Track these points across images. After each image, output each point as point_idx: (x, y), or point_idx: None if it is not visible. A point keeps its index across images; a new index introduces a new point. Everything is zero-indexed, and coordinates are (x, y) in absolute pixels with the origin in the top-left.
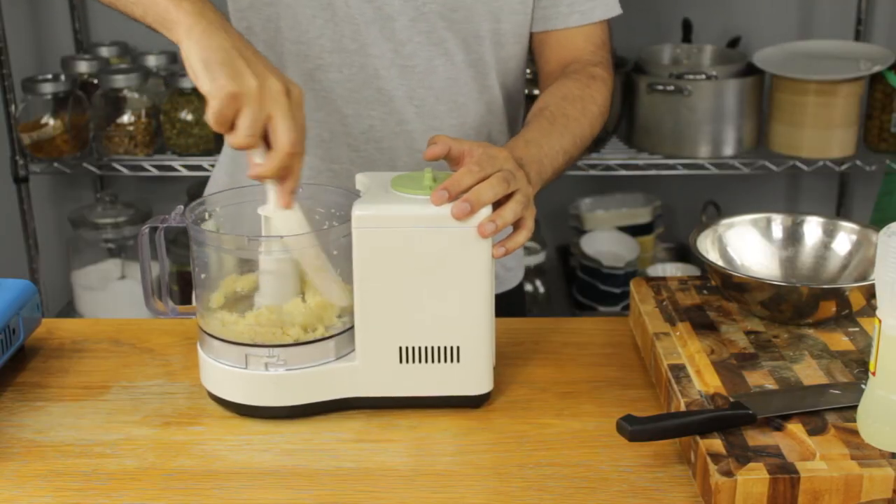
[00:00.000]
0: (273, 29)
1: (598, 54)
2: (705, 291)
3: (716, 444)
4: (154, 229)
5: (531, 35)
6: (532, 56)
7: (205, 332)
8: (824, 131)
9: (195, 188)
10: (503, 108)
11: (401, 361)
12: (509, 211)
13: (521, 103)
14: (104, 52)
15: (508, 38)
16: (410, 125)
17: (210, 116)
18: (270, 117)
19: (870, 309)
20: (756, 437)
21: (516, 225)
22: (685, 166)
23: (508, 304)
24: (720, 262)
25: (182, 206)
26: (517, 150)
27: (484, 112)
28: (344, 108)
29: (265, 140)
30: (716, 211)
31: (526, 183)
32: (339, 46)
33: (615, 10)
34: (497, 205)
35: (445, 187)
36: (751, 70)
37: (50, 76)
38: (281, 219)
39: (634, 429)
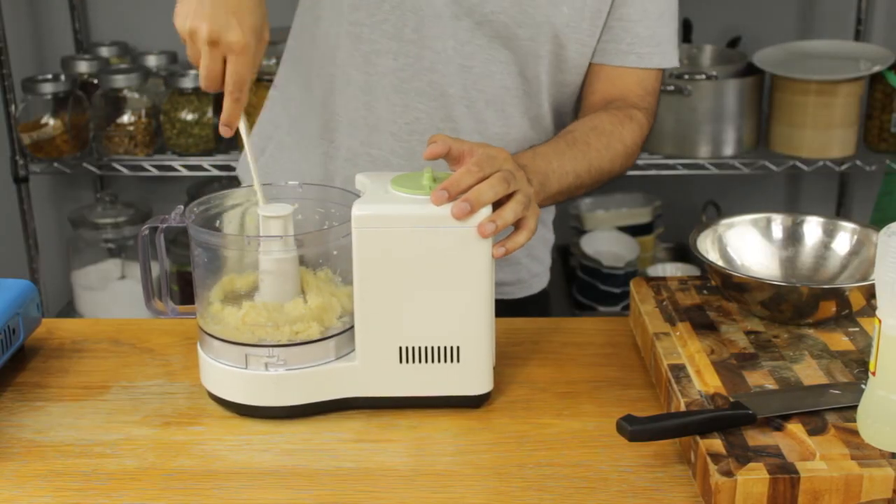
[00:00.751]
0: (336, 7)
1: (646, 100)
2: (705, 291)
3: (716, 444)
4: (154, 229)
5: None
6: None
7: (205, 331)
8: (824, 131)
9: (195, 188)
10: (551, 130)
11: (401, 361)
12: (509, 211)
13: None
14: (104, 52)
15: (569, 65)
16: (457, 123)
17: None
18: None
19: (870, 309)
20: (756, 437)
21: (517, 225)
22: (685, 166)
23: (538, 307)
24: (720, 262)
25: (182, 206)
26: (523, 157)
27: (528, 128)
28: (392, 97)
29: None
30: (716, 211)
31: (526, 183)
32: (400, 35)
33: (673, 61)
34: (497, 205)
35: (445, 187)
36: (751, 70)
37: (50, 76)
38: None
39: (634, 429)
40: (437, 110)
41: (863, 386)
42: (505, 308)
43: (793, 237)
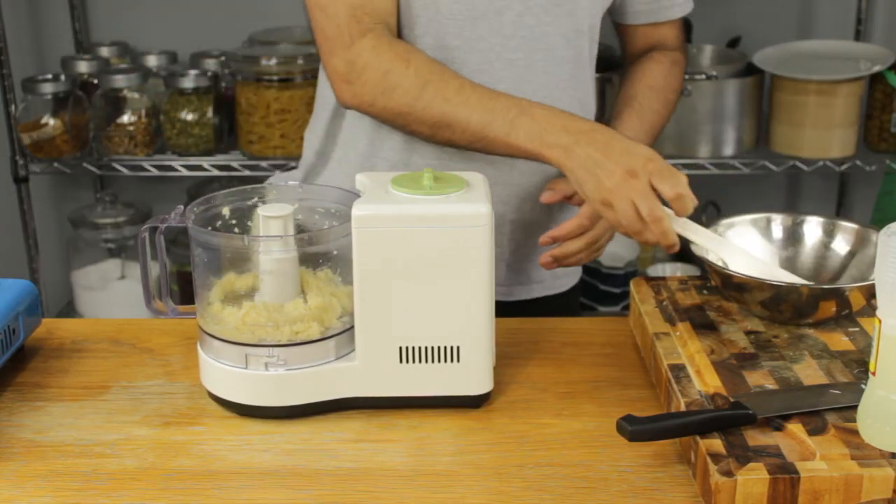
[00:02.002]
0: (393, 28)
1: (679, 39)
2: (705, 291)
3: (716, 444)
4: (154, 229)
5: (625, 26)
6: (616, 32)
7: (205, 331)
8: (824, 131)
9: (195, 188)
10: (591, 105)
11: (401, 361)
12: (574, 259)
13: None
14: (104, 52)
15: (597, 33)
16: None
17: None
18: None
19: (870, 309)
20: (756, 437)
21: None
22: (685, 166)
23: (564, 305)
24: (720, 263)
25: (182, 206)
26: None
27: (577, 108)
28: None
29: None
30: (716, 211)
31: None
32: (442, 44)
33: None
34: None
35: (553, 254)
36: (751, 70)
37: (50, 76)
38: None
39: (634, 429)
40: None
41: (863, 386)
42: (532, 306)
43: (793, 237)
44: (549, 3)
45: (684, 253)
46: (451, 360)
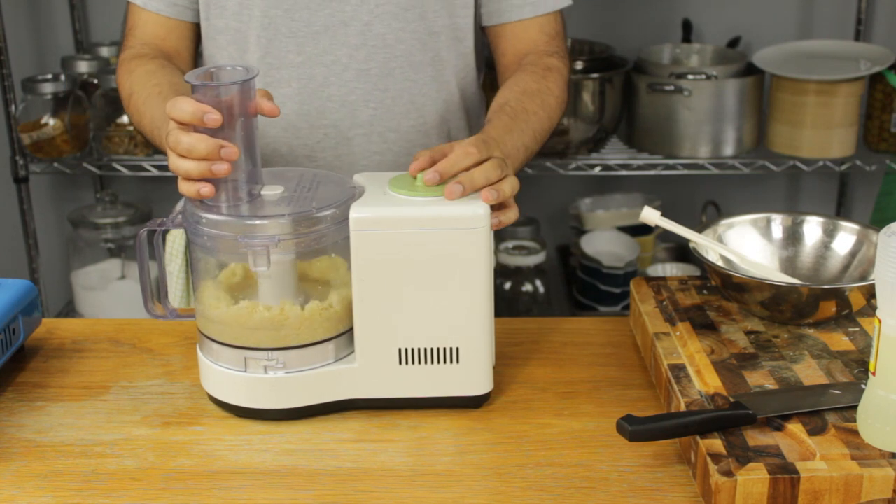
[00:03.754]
0: (229, 55)
1: (553, 44)
2: (705, 291)
3: (716, 444)
4: (152, 232)
5: (485, 29)
6: (488, 50)
7: (204, 334)
8: (824, 131)
9: None
10: (461, 105)
11: (400, 363)
12: (479, 175)
13: (480, 99)
14: (104, 52)
15: (465, 32)
16: (366, 128)
17: None
18: None
19: (870, 309)
20: (756, 437)
21: (503, 204)
22: (685, 166)
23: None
24: (720, 263)
25: (180, 208)
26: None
27: (443, 110)
28: (297, 122)
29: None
30: (716, 211)
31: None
32: (284, 62)
33: (565, 0)
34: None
35: (438, 169)
36: (751, 70)
37: (50, 76)
38: None
39: (634, 429)
40: (342, 121)
41: (863, 386)
42: None
43: (793, 237)
44: (398, 9)
45: (685, 253)
46: (451, 362)
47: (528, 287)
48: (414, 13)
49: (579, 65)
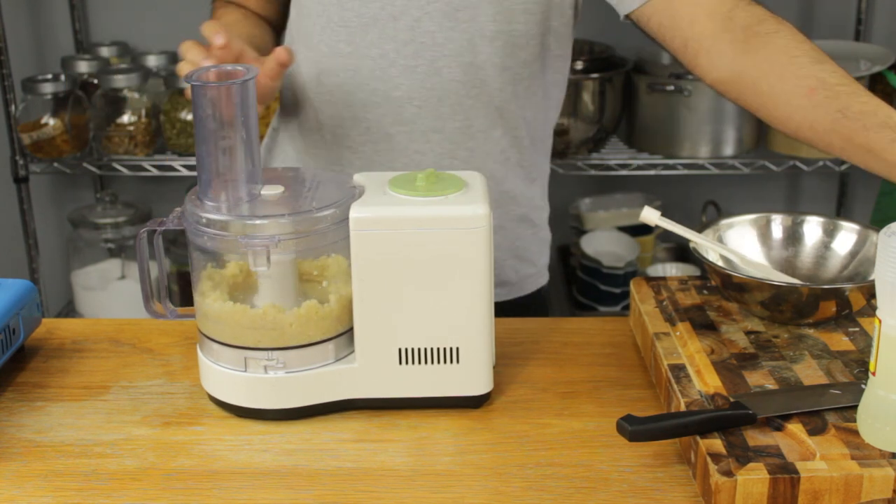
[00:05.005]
0: (290, 39)
1: None
2: (705, 291)
3: (716, 444)
4: (152, 232)
5: (632, 18)
6: (658, 41)
7: (204, 334)
8: None
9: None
10: (518, 114)
11: (400, 363)
12: None
13: (552, 113)
14: (104, 52)
15: (525, 39)
16: (409, 126)
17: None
18: None
19: (870, 309)
20: (756, 437)
21: None
22: (685, 166)
23: (529, 310)
24: (720, 263)
25: (180, 209)
26: None
27: (495, 116)
28: (343, 111)
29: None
30: (716, 211)
31: None
32: (335, 51)
33: None
34: None
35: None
36: None
37: (50, 76)
38: None
39: (634, 429)
40: (385, 116)
41: (863, 386)
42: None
43: (793, 237)
44: (450, 8)
45: (685, 253)
46: (451, 362)
47: None
48: (466, 13)
49: (579, 65)
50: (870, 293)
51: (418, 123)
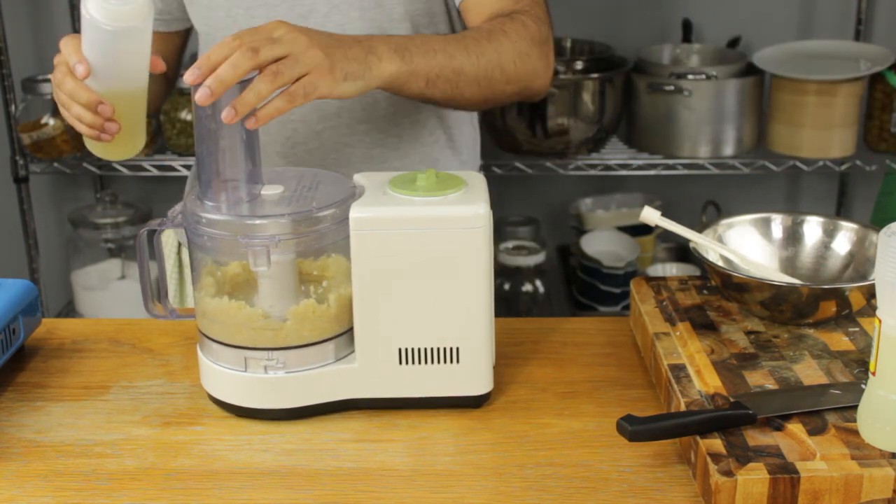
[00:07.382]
0: (202, 53)
1: (521, 3)
2: (705, 291)
3: (716, 444)
4: (152, 232)
5: (459, 10)
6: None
7: (204, 334)
8: (824, 131)
9: None
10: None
11: (400, 363)
12: (251, 93)
13: None
14: None
15: (427, 18)
16: (334, 121)
17: None
18: None
19: (870, 309)
20: (756, 437)
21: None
22: (685, 166)
23: None
24: (720, 263)
25: (179, 206)
26: (367, 38)
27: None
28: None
29: None
30: (716, 211)
31: (304, 45)
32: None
33: None
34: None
35: (198, 65)
36: (751, 70)
37: (50, 76)
38: None
39: (634, 429)
40: (308, 114)
41: (863, 386)
42: None
43: (793, 237)
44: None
45: (685, 253)
46: (451, 362)
47: (528, 287)
48: (370, 1)
49: (579, 65)
50: (870, 293)
51: (343, 117)
